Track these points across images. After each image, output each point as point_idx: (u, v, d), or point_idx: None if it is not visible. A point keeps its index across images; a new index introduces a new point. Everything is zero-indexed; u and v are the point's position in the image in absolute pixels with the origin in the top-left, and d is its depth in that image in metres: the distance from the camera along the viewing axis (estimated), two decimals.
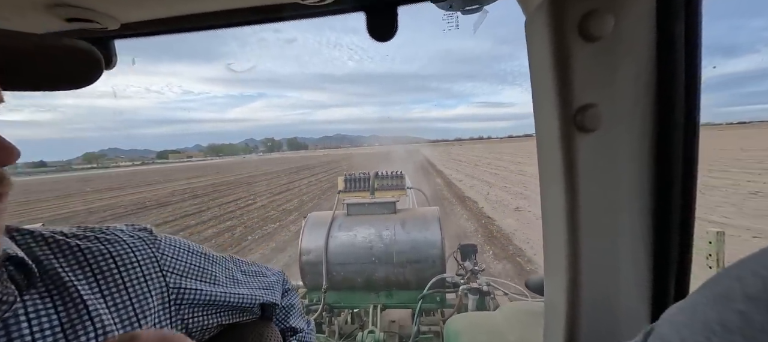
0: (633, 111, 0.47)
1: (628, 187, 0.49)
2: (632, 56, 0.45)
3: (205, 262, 0.56)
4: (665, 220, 0.49)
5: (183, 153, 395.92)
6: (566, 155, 0.48)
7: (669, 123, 0.47)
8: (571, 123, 0.47)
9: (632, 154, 0.48)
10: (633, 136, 0.47)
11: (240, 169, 43.03)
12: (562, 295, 0.54)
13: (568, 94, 0.46)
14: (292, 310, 0.69)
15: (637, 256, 0.51)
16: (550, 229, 0.56)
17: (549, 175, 0.53)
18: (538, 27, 0.48)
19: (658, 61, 0.46)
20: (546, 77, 0.48)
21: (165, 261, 0.51)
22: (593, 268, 0.51)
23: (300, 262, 2.65)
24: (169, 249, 0.52)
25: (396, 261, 2.54)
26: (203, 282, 0.54)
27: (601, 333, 0.53)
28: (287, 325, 0.68)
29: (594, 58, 0.45)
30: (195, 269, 0.54)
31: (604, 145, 0.47)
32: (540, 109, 0.52)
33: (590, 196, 0.49)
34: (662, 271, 0.51)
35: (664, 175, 0.48)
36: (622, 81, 0.46)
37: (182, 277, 0.52)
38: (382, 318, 2.50)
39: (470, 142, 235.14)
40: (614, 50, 0.45)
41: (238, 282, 0.60)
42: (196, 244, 0.57)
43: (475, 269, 2.60)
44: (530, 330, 0.84)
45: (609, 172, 0.48)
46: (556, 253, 0.55)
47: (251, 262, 0.66)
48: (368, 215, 2.74)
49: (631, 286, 0.52)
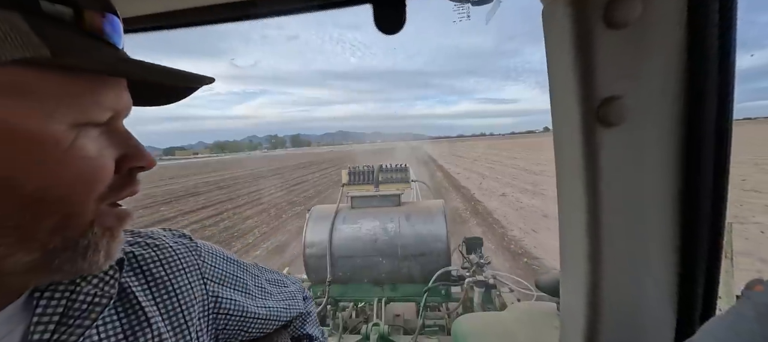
0: (661, 104, 0.43)
1: (655, 186, 0.46)
2: (661, 45, 0.42)
3: (238, 269, 0.56)
4: (694, 223, 0.46)
5: (189, 150, 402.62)
6: (587, 152, 0.45)
7: (700, 117, 0.43)
8: (593, 117, 0.44)
9: (659, 150, 0.45)
10: (661, 131, 0.44)
11: (250, 165, 44.74)
12: (581, 299, 0.52)
13: (591, 86, 0.43)
14: (308, 318, 0.70)
15: (662, 261, 0.48)
16: (569, 230, 0.54)
17: (568, 173, 0.50)
18: (558, 14, 0.44)
19: (688, 50, 0.42)
20: (566, 68, 0.44)
21: (206, 268, 0.51)
22: (615, 273, 0.49)
23: (304, 256, 2.65)
24: (208, 256, 0.52)
25: (400, 254, 2.52)
26: (237, 291, 0.54)
27: (623, 338, 0.51)
28: (303, 332, 0.68)
29: (619, 47, 0.42)
30: (231, 278, 0.54)
31: (629, 140, 0.44)
32: (559, 103, 0.49)
33: (613, 196, 0.46)
34: (689, 277, 0.48)
35: (694, 174, 0.45)
36: (650, 71, 0.42)
37: (220, 285, 0.52)
38: (386, 311, 2.50)
39: (472, 139, 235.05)
40: (642, 38, 0.41)
41: (266, 293, 0.60)
42: (228, 251, 0.57)
43: (480, 262, 2.58)
44: (542, 333, 0.81)
45: (634, 170, 0.45)
46: (574, 255, 0.52)
47: (272, 270, 0.66)
48: (372, 208, 2.72)
49: (655, 293, 0.49)
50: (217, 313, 0.51)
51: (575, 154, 0.47)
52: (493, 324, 0.91)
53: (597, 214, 0.47)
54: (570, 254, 0.55)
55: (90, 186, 0.33)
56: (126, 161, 0.36)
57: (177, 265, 0.47)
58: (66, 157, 0.30)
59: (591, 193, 0.47)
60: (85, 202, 0.33)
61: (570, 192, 0.51)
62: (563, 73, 0.46)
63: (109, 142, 0.35)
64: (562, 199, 0.54)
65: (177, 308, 0.45)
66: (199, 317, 0.48)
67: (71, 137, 0.31)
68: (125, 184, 0.36)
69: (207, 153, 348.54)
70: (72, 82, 0.31)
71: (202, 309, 0.49)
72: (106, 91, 0.33)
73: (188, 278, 0.48)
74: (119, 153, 0.35)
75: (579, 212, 0.49)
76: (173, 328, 0.44)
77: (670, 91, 0.43)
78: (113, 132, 0.35)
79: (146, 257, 0.45)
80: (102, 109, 0.33)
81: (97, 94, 0.32)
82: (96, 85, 0.32)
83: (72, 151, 0.31)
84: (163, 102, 0.44)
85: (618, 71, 0.42)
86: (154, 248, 0.47)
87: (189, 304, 0.46)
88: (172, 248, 0.48)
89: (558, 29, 0.45)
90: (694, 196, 0.46)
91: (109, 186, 0.35)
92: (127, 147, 0.36)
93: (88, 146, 0.32)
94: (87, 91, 0.32)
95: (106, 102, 0.33)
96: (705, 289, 0.48)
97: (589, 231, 0.48)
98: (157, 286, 0.45)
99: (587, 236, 0.48)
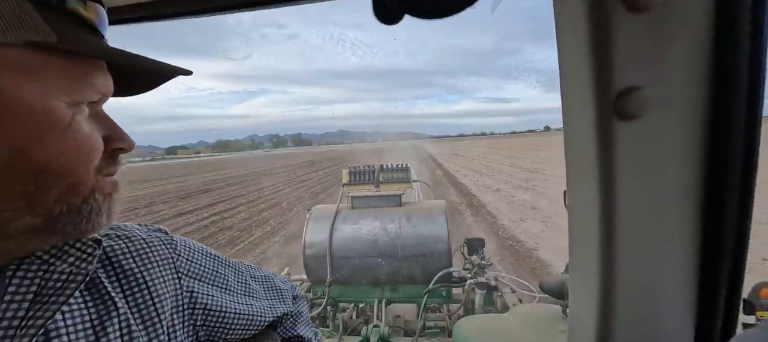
0: (684, 95, 0.40)
1: (675, 184, 0.42)
2: (686, 31, 0.38)
3: (219, 265, 0.55)
4: (718, 226, 0.43)
5: (191, 149, 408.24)
6: (602, 146, 0.42)
7: (727, 110, 0.40)
8: (610, 109, 0.40)
9: (682, 145, 0.41)
10: (684, 124, 0.40)
11: (254, 164, 46.15)
12: (592, 303, 0.48)
13: (608, 76, 0.39)
14: (300, 318, 0.67)
15: (683, 269, 0.45)
16: (579, 230, 0.50)
17: (580, 168, 0.47)
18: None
19: (715, 38, 0.39)
20: (580, 57, 0.41)
21: (181, 263, 0.50)
22: (629, 277, 0.45)
23: (304, 256, 2.62)
24: (184, 250, 0.52)
25: (401, 255, 2.49)
26: (216, 287, 0.53)
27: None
28: (294, 333, 0.65)
29: (640, 33, 0.38)
30: (209, 273, 0.53)
31: (648, 134, 0.41)
32: (571, 94, 0.45)
33: (629, 195, 0.43)
34: (711, 287, 0.45)
35: (719, 172, 0.41)
36: (673, 60, 0.39)
37: (196, 280, 0.51)
38: (387, 312, 2.47)
39: (472, 138, 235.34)
40: (665, 23, 0.38)
41: (250, 290, 0.58)
42: (210, 248, 0.56)
43: (482, 263, 2.55)
44: (547, 336, 0.78)
45: (653, 167, 0.42)
46: (585, 258, 0.49)
47: (260, 268, 0.64)
48: (373, 208, 2.69)
49: (674, 304, 0.46)
50: (194, 309, 0.49)
51: (589, 149, 0.43)
52: (496, 327, 0.87)
53: (611, 215, 0.44)
54: (581, 257, 0.51)
55: (88, 159, 0.37)
56: (110, 142, 0.40)
57: (148, 257, 0.47)
58: (66, 133, 0.34)
59: (605, 192, 0.43)
60: (85, 174, 0.37)
61: (582, 190, 0.47)
62: (577, 62, 0.42)
63: (97, 124, 0.39)
64: (573, 198, 0.50)
65: (148, 301, 0.44)
66: (171, 312, 0.47)
67: (70, 115, 0.34)
68: (110, 163, 0.40)
69: (209, 152, 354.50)
70: (72, 65, 0.35)
71: (175, 304, 0.48)
72: (97, 75, 0.37)
73: (160, 271, 0.47)
74: (105, 134, 0.39)
75: (592, 212, 0.45)
76: (144, 321, 0.44)
77: (694, 82, 0.40)
78: (99, 115, 0.39)
79: (115, 248, 0.45)
80: (94, 90, 0.37)
81: (91, 77, 0.37)
82: (90, 69, 0.37)
83: (71, 128, 0.35)
84: (134, 92, 0.46)
85: (638, 60, 0.39)
86: (124, 239, 0.47)
87: (161, 297, 0.46)
88: (145, 240, 0.48)
89: (572, 14, 0.41)
90: (719, 197, 0.42)
91: (101, 162, 0.38)
92: (110, 129, 0.40)
93: (83, 124, 0.36)
94: (83, 74, 0.36)
95: (97, 85, 0.37)
96: (727, 298, 0.44)
97: (602, 232, 0.45)
98: (127, 278, 0.44)
99: (600, 238, 0.45)
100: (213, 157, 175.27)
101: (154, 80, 0.45)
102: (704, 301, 0.45)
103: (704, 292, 0.45)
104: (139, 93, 0.47)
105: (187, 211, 12.50)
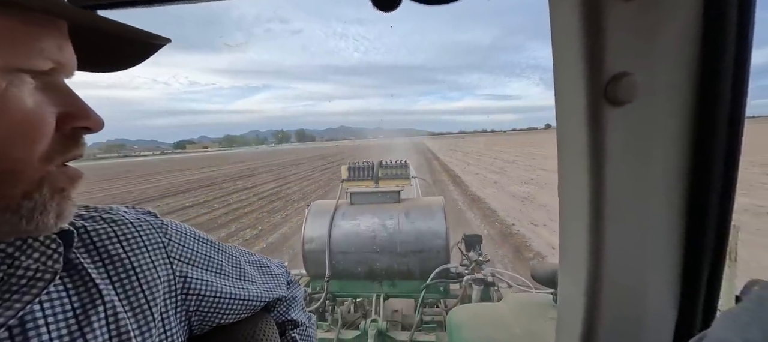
0: (673, 81, 0.41)
1: (663, 170, 0.43)
2: (676, 17, 0.39)
3: (212, 250, 0.53)
4: (701, 212, 0.44)
5: (199, 144, 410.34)
6: (593, 131, 0.43)
7: (712, 96, 0.41)
8: (600, 95, 0.41)
9: (669, 130, 0.42)
10: (672, 109, 0.42)
11: (262, 159, 49.21)
12: (580, 287, 0.50)
13: (600, 62, 0.40)
14: (293, 302, 0.66)
15: (667, 253, 0.46)
16: (569, 215, 0.51)
17: (570, 154, 0.48)
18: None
19: (703, 25, 0.40)
20: (573, 43, 0.42)
21: (172, 247, 0.48)
22: (616, 261, 0.46)
23: (303, 251, 2.63)
24: (175, 235, 0.49)
25: (399, 251, 2.51)
26: (210, 271, 0.51)
27: (622, 332, 0.49)
28: (288, 317, 0.64)
29: (631, 21, 0.39)
30: (202, 257, 0.51)
31: (637, 119, 0.42)
32: (564, 81, 0.47)
33: (618, 180, 0.44)
34: (693, 271, 0.46)
35: (704, 158, 0.43)
36: (663, 47, 0.40)
37: (189, 265, 0.49)
38: (385, 307, 2.48)
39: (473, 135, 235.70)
40: (656, 10, 0.39)
41: (245, 274, 0.56)
42: (202, 233, 0.54)
43: (479, 260, 2.56)
44: (537, 322, 0.79)
45: (641, 151, 0.43)
46: (574, 243, 0.50)
47: (254, 253, 0.63)
48: (372, 204, 2.70)
49: (658, 283, 0.47)
50: (187, 294, 0.48)
51: (580, 135, 0.44)
52: (488, 314, 0.89)
53: (600, 200, 0.45)
54: (570, 243, 0.52)
55: (28, 142, 0.30)
56: (68, 120, 0.33)
57: (137, 242, 0.44)
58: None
59: (595, 177, 0.44)
60: (26, 161, 0.30)
61: (572, 176, 0.49)
62: (571, 49, 0.43)
63: (49, 98, 0.32)
64: (564, 185, 0.51)
65: (137, 287, 0.42)
66: (164, 298, 0.45)
67: (2, 85, 0.28)
68: (70, 146, 0.34)
69: (216, 147, 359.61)
70: (4, 21, 0.28)
71: (168, 289, 0.45)
72: (45, 38, 0.31)
73: (151, 256, 0.44)
74: (60, 110, 0.33)
75: (581, 197, 0.46)
76: (132, 309, 0.41)
77: (682, 68, 0.41)
78: (54, 87, 0.33)
79: (100, 232, 0.42)
80: (40, 57, 0.30)
81: (34, 38, 0.30)
82: (34, 28, 0.30)
83: (4, 101, 0.28)
84: (108, 67, 0.40)
85: (629, 46, 0.40)
86: (110, 223, 0.43)
87: (152, 284, 0.43)
88: (132, 224, 0.45)
89: (566, 1, 0.42)
90: (702, 182, 0.43)
91: (52, 146, 0.32)
92: (69, 105, 0.34)
93: (23, 98, 0.30)
94: (23, 34, 0.29)
95: (46, 50, 0.31)
96: (708, 283, 0.46)
97: (590, 217, 0.46)
98: (113, 264, 0.41)
99: (588, 222, 0.46)
100: (220, 152, 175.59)
101: (136, 52, 0.39)
102: (688, 283, 0.47)
103: (687, 276, 0.47)
104: (117, 69, 0.41)
105: (259, 184, 17.97)
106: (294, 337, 0.63)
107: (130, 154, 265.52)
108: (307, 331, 0.66)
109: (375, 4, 0.59)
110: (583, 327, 0.50)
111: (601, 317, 0.49)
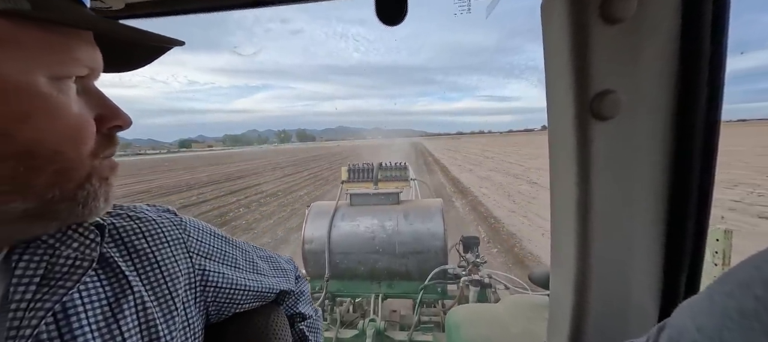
0: (653, 98, 0.45)
1: (645, 179, 0.47)
2: (655, 40, 0.43)
3: (227, 245, 0.57)
4: (680, 217, 0.48)
5: (203, 143, 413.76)
6: (580, 144, 0.46)
7: (690, 112, 0.45)
8: (587, 110, 0.45)
9: (650, 144, 0.46)
10: (653, 125, 0.45)
11: (268, 158, 51.20)
12: (569, 289, 0.53)
13: (586, 80, 0.44)
14: (301, 296, 0.70)
15: (649, 254, 0.50)
16: (560, 221, 0.55)
17: (560, 165, 0.52)
18: (556, 8, 0.45)
19: (681, 47, 0.43)
20: (562, 62, 0.46)
21: (191, 243, 0.51)
22: (603, 264, 0.50)
23: (303, 251, 2.66)
24: (194, 231, 0.53)
25: (398, 251, 2.54)
26: (226, 265, 0.54)
27: (608, 330, 0.52)
28: (296, 310, 0.68)
29: (615, 42, 0.43)
30: (218, 252, 0.54)
31: (620, 133, 0.45)
32: (554, 96, 0.50)
33: (604, 188, 0.47)
34: (673, 270, 0.50)
35: (682, 169, 0.46)
36: (644, 66, 0.44)
37: (206, 259, 0.52)
38: (383, 307, 2.51)
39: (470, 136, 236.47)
40: (636, 33, 0.43)
41: (257, 268, 0.60)
42: (217, 229, 0.58)
43: (477, 261, 2.59)
44: (534, 323, 0.83)
45: (625, 163, 0.47)
46: (564, 247, 0.54)
47: (265, 249, 0.67)
48: (371, 206, 2.74)
49: (641, 284, 0.50)
50: (205, 286, 0.51)
51: (569, 147, 0.48)
52: (487, 315, 0.92)
53: (587, 208, 0.48)
54: (560, 245, 0.56)
55: (79, 144, 0.34)
56: (104, 121, 0.37)
57: (160, 237, 0.47)
58: (52, 113, 0.32)
59: (583, 185, 0.48)
60: (77, 159, 0.34)
61: (563, 184, 0.52)
62: (559, 67, 0.47)
63: (87, 102, 0.36)
64: (555, 192, 0.55)
65: (161, 279, 0.45)
66: (185, 289, 0.48)
67: (53, 92, 0.32)
68: (108, 143, 0.38)
69: (220, 146, 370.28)
70: (50, 36, 0.32)
71: (188, 282, 0.49)
72: (81, 47, 0.34)
73: (172, 251, 0.48)
74: (96, 113, 0.37)
75: (570, 205, 0.50)
76: (157, 299, 0.44)
77: (662, 86, 0.44)
78: (89, 91, 0.37)
79: (127, 229, 0.45)
80: (79, 64, 0.34)
81: (73, 49, 0.33)
82: (72, 40, 0.33)
83: (57, 107, 0.32)
84: (126, 67, 0.44)
85: (612, 65, 0.44)
86: (135, 220, 0.47)
87: (174, 276, 0.46)
88: (155, 221, 0.48)
89: (556, 24, 0.46)
90: (681, 191, 0.47)
91: (96, 144, 0.36)
92: (103, 107, 0.38)
93: (70, 103, 0.33)
94: (64, 46, 0.33)
95: (82, 58, 0.34)
96: (687, 281, 0.49)
97: (579, 221, 0.49)
98: (139, 257, 0.45)
99: (577, 228, 0.50)
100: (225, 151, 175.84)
101: (148, 53, 0.42)
102: (669, 280, 0.50)
103: (668, 277, 0.50)
104: (132, 69, 0.44)
105: (294, 173, 22.75)
106: (302, 329, 0.67)
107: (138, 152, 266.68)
108: (314, 322, 0.70)
109: (381, 20, 0.62)
110: (572, 322, 0.53)
111: (589, 313, 0.52)
